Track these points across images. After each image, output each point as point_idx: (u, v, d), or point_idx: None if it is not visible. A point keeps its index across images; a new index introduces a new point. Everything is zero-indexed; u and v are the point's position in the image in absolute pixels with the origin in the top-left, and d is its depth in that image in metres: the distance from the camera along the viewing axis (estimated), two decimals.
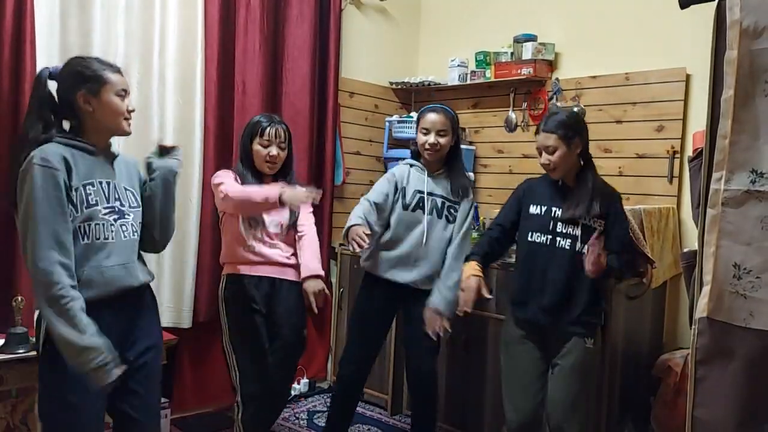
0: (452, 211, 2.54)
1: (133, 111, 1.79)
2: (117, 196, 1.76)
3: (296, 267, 2.52)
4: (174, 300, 2.93)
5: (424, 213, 2.51)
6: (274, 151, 2.44)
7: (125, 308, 1.77)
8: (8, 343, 2.20)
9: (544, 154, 2.24)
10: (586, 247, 2.14)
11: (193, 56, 2.90)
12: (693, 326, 1.60)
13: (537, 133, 2.29)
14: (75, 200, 1.65)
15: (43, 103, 1.72)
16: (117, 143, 1.90)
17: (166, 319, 2.90)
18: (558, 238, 2.23)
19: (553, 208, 2.25)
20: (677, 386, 2.55)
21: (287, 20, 3.30)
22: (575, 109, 3.11)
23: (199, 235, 2.97)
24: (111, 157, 1.80)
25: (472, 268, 2.29)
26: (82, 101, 1.70)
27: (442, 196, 2.54)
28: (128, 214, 1.79)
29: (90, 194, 1.68)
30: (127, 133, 1.79)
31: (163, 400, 2.64)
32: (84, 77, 1.71)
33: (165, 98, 2.85)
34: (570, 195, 2.24)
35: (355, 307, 2.70)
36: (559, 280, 2.21)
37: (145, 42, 2.77)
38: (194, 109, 2.91)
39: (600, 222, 2.20)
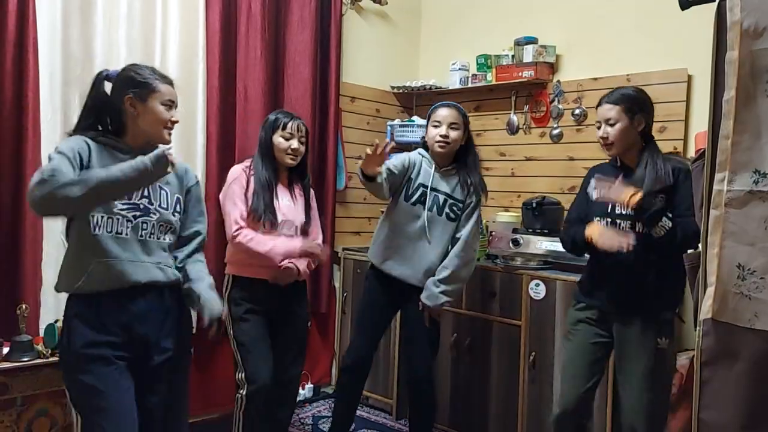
0: (455, 209, 2.54)
1: (176, 122, 1.84)
2: (146, 193, 1.80)
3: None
4: None
5: (424, 208, 2.52)
6: (295, 144, 2.48)
7: (142, 303, 1.79)
8: (13, 351, 2.20)
9: (603, 126, 2.16)
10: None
11: (195, 63, 2.91)
12: (697, 328, 1.59)
13: (599, 105, 2.22)
14: None
15: (96, 101, 1.82)
16: None
17: None
18: (618, 220, 2.15)
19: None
20: (682, 388, 2.54)
21: (288, 26, 3.31)
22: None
23: None
24: None
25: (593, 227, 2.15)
26: (129, 104, 1.78)
27: (446, 193, 2.53)
28: (154, 213, 1.81)
29: None
30: (166, 142, 1.84)
31: None
32: (134, 82, 1.79)
33: None
34: (631, 176, 2.14)
35: (360, 299, 2.76)
36: (625, 263, 2.07)
37: (146, 50, 2.78)
38: (196, 115, 2.92)
39: (661, 197, 2.07)
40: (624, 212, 2.13)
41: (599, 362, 2.24)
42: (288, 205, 2.51)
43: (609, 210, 2.18)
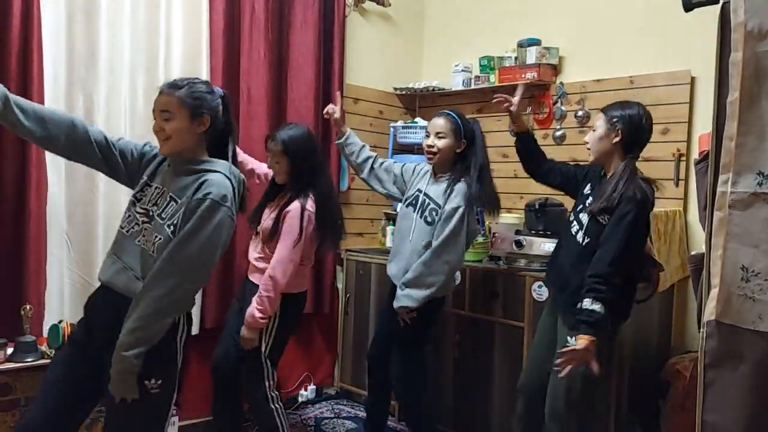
0: (433, 213, 2.55)
1: (158, 130, 1.76)
2: (157, 201, 1.77)
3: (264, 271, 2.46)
4: None
5: (414, 211, 2.60)
6: (273, 165, 2.54)
7: (114, 306, 1.72)
8: (17, 351, 2.22)
9: (590, 132, 2.31)
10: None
11: (198, 64, 2.92)
12: (701, 329, 1.59)
13: None
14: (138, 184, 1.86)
15: None
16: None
17: None
18: (574, 223, 2.28)
19: (590, 196, 2.26)
20: (686, 390, 2.54)
21: (291, 27, 3.31)
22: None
23: None
24: (181, 169, 1.80)
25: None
26: None
27: (431, 198, 2.58)
28: (153, 221, 1.74)
29: (142, 190, 1.83)
30: (162, 153, 1.81)
31: None
32: None
33: None
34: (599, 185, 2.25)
35: None
36: (566, 264, 2.26)
37: (150, 51, 2.78)
38: None
39: (607, 217, 2.13)
40: (579, 218, 2.25)
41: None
42: (265, 211, 2.58)
43: (577, 209, 2.30)
